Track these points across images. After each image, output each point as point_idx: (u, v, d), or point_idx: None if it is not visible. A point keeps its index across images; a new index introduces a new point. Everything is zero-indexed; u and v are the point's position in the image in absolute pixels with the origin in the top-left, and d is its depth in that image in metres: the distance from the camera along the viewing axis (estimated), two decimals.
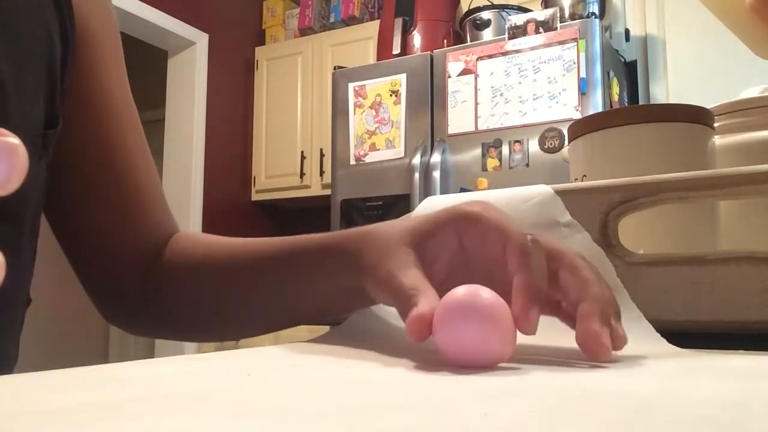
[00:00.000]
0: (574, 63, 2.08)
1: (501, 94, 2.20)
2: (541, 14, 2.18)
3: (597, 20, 2.14)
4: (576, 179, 0.50)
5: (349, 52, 3.15)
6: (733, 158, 0.53)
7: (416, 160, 2.27)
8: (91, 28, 0.49)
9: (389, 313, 0.39)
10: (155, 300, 0.51)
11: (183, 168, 3.12)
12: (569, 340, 0.29)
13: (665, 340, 0.32)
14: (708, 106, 0.49)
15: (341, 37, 3.25)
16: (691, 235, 0.44)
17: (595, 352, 0.28)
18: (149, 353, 3.36)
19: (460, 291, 0.27)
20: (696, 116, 0.46)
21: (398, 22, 2.58)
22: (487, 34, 2.39)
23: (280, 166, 3.34)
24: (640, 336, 0.32)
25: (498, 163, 2.18)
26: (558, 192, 0.38)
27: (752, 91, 0.61)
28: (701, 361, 0.28)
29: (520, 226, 0.31)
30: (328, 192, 2.68)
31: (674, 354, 0.30)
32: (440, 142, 2.28)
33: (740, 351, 0.30)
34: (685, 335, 0.33)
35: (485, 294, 0.27)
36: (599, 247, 0.36)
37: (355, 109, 2.47)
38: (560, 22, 2.15)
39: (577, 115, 2.05)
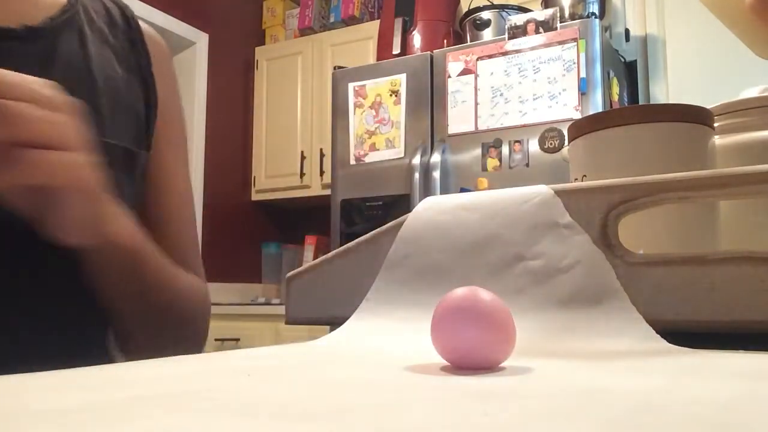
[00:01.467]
0: (574, 63, 2.08)
1: (501, 94, 2.20)
2: (541, 14, 2.18)
3: (597, 20, 2.14)
4: (576, 179, 0.50)
5: (349, 52, 3.14)
6: (733, 158, 0.53)
7: (416, 160, 2.27)
8: (165, 120, 0.62)
9: (389, 314, 0.39)
10: None
11: None
12: (568, 341, 0.29)
13: (665, 341, 0.32)
14: (708, 106, 0.49)
15: (341, 37, 3.25)
16: (691, 235, 0.44)
17: None
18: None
19: (459, 293, 0.27)
20: (696, 116, 0.46)
21: (398, 22, 2.58)
22: (487, 34, 2.39)
23: (280, 166, 3.34)
24: (639, 336, 0.32)
25: (498, 163, 2.18)
26: (558, 192, 0.38)
27: (752, 91, 0.61)
28: (701, 361, 0.28)
29: None
30: (328, 192, 2.68)
31: (674, 354, 0.30)
32: (440, 142, 2.28)
33: (740, 351, 0.30)
34: (685, 335, 0.33)
35: (484, 296, 0.27)
36: (599, 248, 0.36)
37: (355, 109, 2.47)
38: (560, 22, 2.15)
39: (577, 115, 2.05)
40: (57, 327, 0.52)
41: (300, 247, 3.27)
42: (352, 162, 2.44)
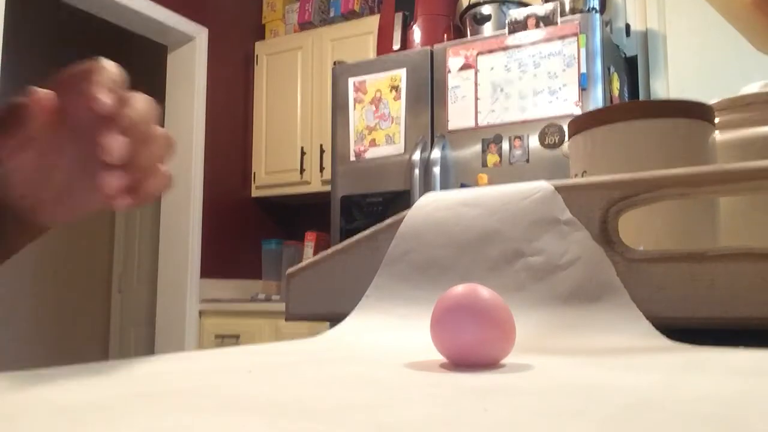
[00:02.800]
0: (575, 58, 2.08)
1: (501, 90, 2.20)
2: (541, 9, 2.18)
3: (597, 15, 2.13)
4: (576, 175, 0.50)
5: (349, 47, 3.14)
6: (734, 154, 0.53)
7: (416, 155, 2.26)
8: None
9: (389, 310, 0.39)
10: None
11: (182, 163, 3.12)
12: (568, 337, 0.29)
13: (665, 337, 0.32)
14: (709, 102, 0.49)
15: (341, 31, 3.24)
16: (691, 232, 0.44)
17: None
18: (149, 351, 3.36)
19: (459, 290, 0.27)
20: (696, 112, 0.46)
21: (398, 17, 2.57)
22: (488, 28, 2.39)
23: (280, 162, 3.34)
24: (639, 333, 0.32)
25: (498, 159, 2.18)
26: (558, 188, 0.38)
27: (753, 87, 0.60)
28: (701, 358, 0.28)
29: None
30: (328, 188, 2.67)
31: (674, 350, 0.30)
32: (440, 137, 2.28)
33: (740, 347, 0.30)
34: (685, 332, 0.33)
35: (484, 293, 0.27)
36: (599, 244, 0.36)
37: (355, 105, 2.46)
38: (560, 17, 2.14)
39: (578, 111, 2.05)
40: None
41: (300, 243, 3.27)
42: (352, 158, 2.44)
